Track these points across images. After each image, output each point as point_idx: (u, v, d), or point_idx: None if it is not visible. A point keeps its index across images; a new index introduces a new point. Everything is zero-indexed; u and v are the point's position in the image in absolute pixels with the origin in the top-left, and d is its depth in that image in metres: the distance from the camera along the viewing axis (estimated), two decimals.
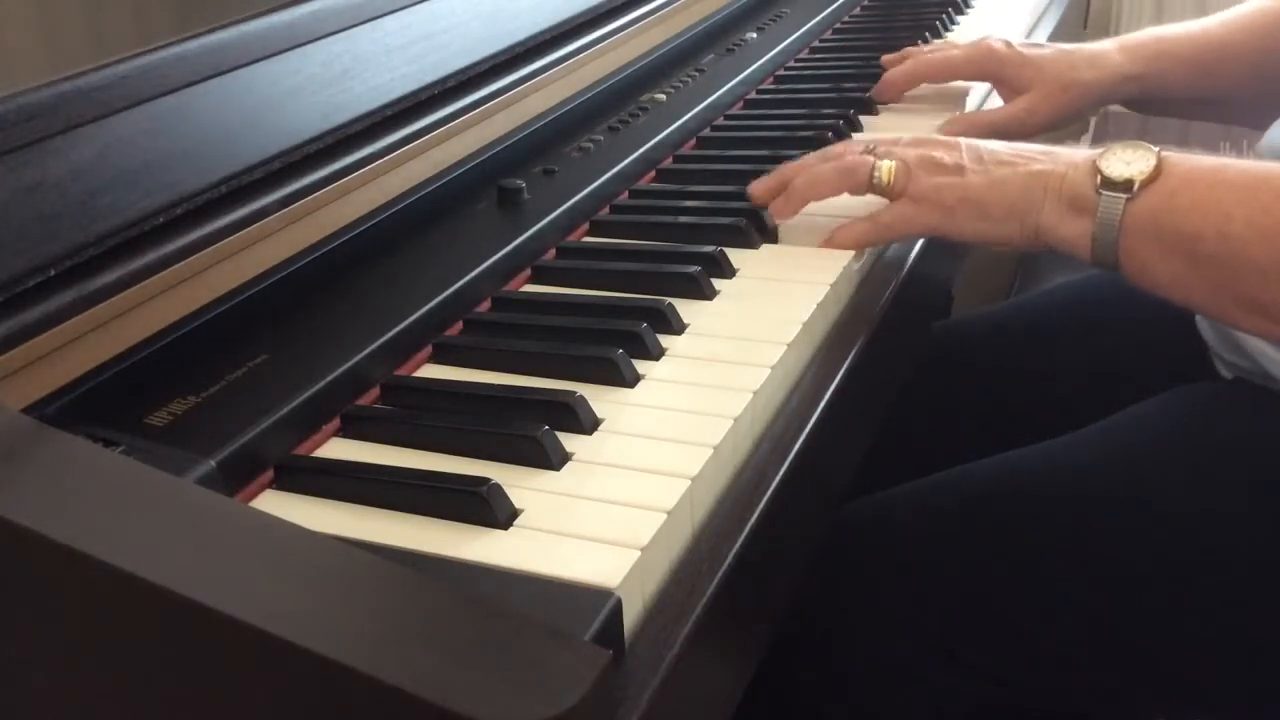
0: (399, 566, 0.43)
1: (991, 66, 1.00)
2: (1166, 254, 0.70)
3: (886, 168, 0.77)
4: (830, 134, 0.94)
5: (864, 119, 1.01)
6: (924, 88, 1.06)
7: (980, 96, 1.08)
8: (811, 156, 0.83)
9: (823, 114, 1.00)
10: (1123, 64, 0.98)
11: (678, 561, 0.53)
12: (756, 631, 0.62)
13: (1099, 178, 0.71)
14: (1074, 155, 0.74)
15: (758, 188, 0.82)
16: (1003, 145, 0.78)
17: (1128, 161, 0.70)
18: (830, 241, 0.78)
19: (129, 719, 0.44)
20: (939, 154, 0.77)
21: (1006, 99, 1.00)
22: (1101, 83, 0.97)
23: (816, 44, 1.23)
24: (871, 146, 0.80)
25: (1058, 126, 0.99)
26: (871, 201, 0.80)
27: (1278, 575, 0.75)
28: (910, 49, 1.08)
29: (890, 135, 0.82)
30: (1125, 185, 0.70)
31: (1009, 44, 0.99)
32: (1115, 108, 1.06)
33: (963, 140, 0.79)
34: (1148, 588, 0.77)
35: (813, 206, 0.81)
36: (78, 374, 0.56)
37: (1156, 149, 0.71)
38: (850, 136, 0.96)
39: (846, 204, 0.81)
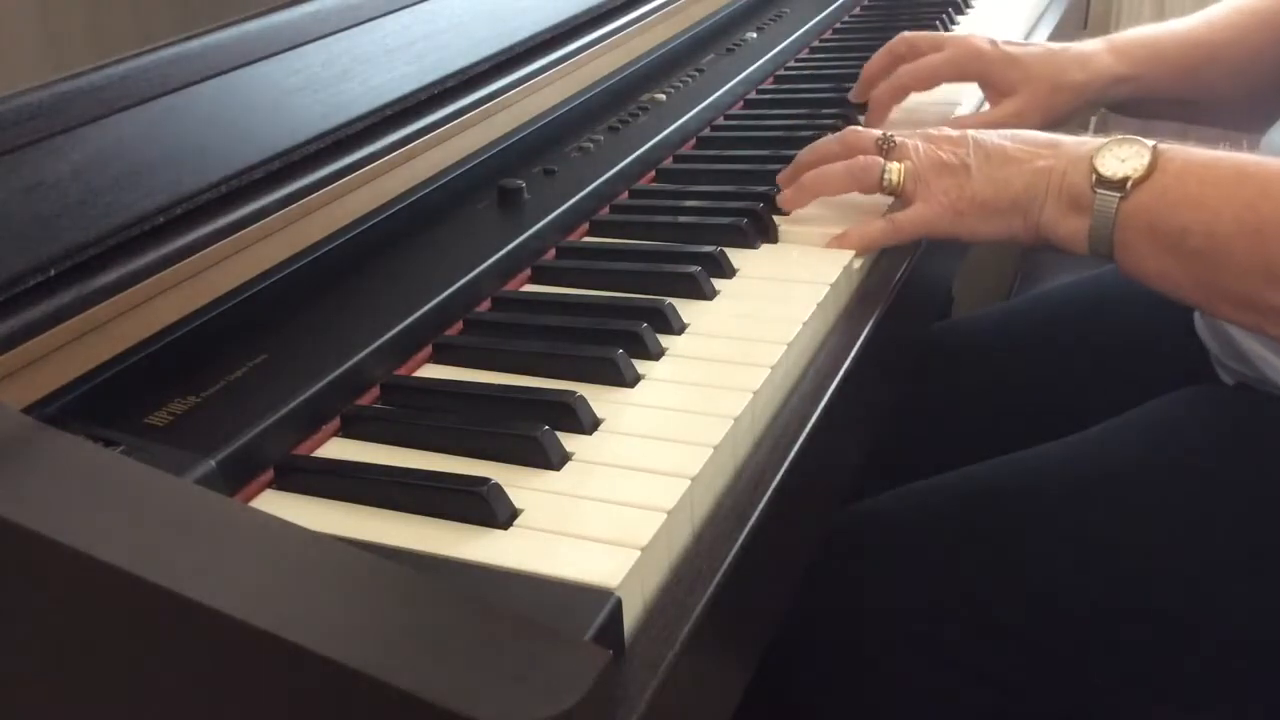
0: (399, 566, 0.43)
1: (977, 68, 0.96)
2: (1157, 249, 0.71)
3: (896, 169, 0.78)
4: (830, 134, 0.94)
5: (863, 119, 1.01)
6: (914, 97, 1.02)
7: (976, 103, 1.07)
8: (826, 141, 0.84)
9: (823, 114, 1.00)
10: (1113, 65, 0.95)
11: (678, 561, 0.53)
12: (757, 631, 0.62)
13: (1095, 176, 0.72)
14: (1075, 150, 0.75)
15: (781, 178, 0.84)
16: (1010, 139, 0.78)
17: (1123, 159, 0.71)
18: (844, 239, 0.78)
19: (129, 719, 0.44)
20: (946, 154, 0.78)
21: (993, 101, 0.97)
22: (1091, 85, 0.95)
23: (816, 44, 1.23)
24: (883, 140, 0.80)
25: (1048, 128, 0.96)
26: (878, 201, 0.81)
27: (1278, 579, 0.75)
28: (900, 40, 1.00)
29: (901, 130, 0.83)
30: (1120, 184, 0.71)
31: (994, 43, 0.96)
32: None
33: (970, 135, 0.79)
34: (1149, 591, 0.77)
35: (817, 209, 0.82)
36: (78, 374, 0.56)
37: (1152, 144, 0.71)
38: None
39: (853, 200, 0.82)
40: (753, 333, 0.67)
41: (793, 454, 0.60)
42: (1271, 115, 0.85)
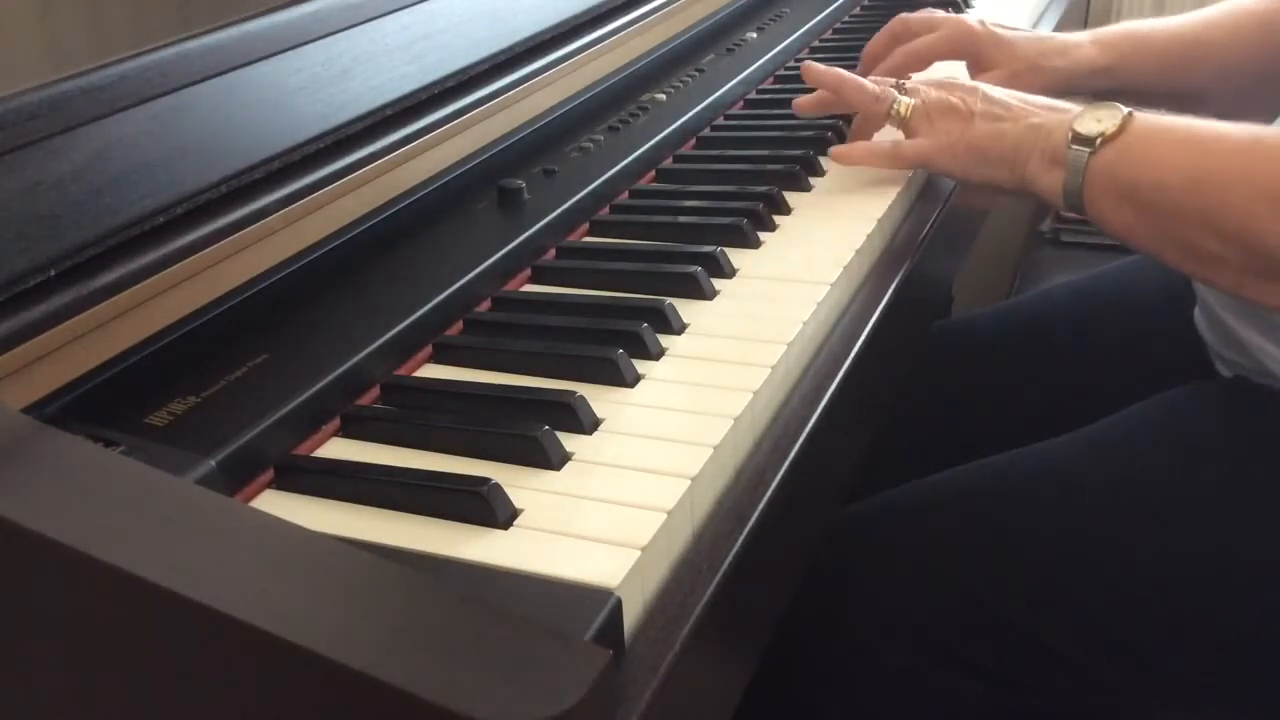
0: (399, 566, 0.43)
1: (968, 46, 1.01)
2: (1117, 202, 0.75)
3: (905, 104, 0.85)
4: (830, 133, 0.94)
5: None
6: None
7: None
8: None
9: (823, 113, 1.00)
10: (1095, 56, 0.99)
11: (678, 561, 0.53)
12: (756, 631, 0.62)
13: (1071, 133, 0.76)
14: (1064, 112, 0.79)
15: (803, 101, 0.92)
16: (1015, 96, 0.83)
17: (1099, 119, 0.76)
18: (851, 151, 0.84)
19: (129, 719, 0.44)
20: (956, 99, 0.83)
21: (974, 76, 1.00)
22: (1070, 71, 0.99)
23: (816, 44, 1.23)
24: (899, 82, 0.86)
25: None
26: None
27: (1278, 575, 0.75)
28: (897, 21, 1.04)
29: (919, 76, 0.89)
30: (1092, 141, 0.75)
31: (984, 23, 1.00)
32: None
33: (981, 87, 0.84)
34: (1148, 588, 0.77)
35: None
36: (78, 374, 0.56)
37: (1127, 109, 0.75)
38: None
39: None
40: (753, 333, 0.67)
41: (793, 454, 0.60)
42: (1253, 112, 0.86)
